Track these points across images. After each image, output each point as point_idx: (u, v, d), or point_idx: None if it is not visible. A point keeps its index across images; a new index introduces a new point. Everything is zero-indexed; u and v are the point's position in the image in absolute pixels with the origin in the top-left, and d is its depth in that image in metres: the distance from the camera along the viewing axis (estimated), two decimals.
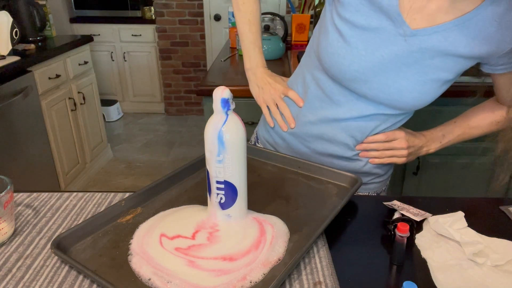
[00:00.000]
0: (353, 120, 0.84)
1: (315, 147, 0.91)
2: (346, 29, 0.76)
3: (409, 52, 0.74)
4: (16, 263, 0.61)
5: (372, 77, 0.77)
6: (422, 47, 0.73)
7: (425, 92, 0.77)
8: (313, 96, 0.87)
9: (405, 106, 0.80)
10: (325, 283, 0.57)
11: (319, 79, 0.85)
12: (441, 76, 0.76)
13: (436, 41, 0.72)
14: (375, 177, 0.94)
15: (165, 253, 0.60)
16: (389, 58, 0.75)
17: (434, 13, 0.72)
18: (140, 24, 3.75)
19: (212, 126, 0.61)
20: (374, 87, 0.78)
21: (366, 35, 0.75)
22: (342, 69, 0.78)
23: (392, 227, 0.67)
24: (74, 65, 2.54)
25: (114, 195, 0.79)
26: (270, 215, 0.70)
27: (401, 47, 0.74)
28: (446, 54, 0.73)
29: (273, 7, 3.50)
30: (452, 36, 0.72)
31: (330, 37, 0.79)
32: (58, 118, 2.38)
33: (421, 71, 0.75)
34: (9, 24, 2.11)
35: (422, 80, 0.76)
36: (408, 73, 0.75)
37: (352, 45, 0.76)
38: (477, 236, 0.66)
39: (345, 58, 0.77)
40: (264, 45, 1.86)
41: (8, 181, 0.65)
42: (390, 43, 0.74)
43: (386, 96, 0.78)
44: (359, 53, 0.75)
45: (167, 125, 3.87)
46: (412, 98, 0.77)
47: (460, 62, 0.75)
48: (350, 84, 0.80)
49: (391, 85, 0.77)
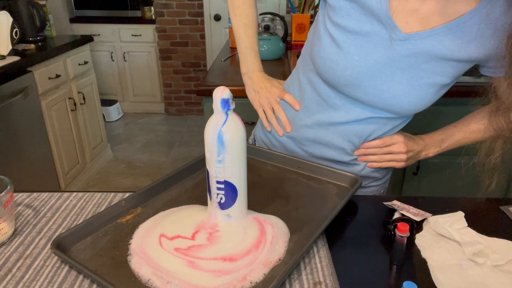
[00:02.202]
0: (350, 124, 0.84)
1: (313, 151, 0.91)
2: (338, 33, 0.75)
3: (403, 56, 0.72)
4: (16, 263, 0.61)
5: (366, 82, 0.76)
6: (416, 51, 0.72)
7: (420, 97, 0.75)
8: (310, 99, 0.87)
9: (401, 111, 0.78)
10: (325, 283, 0.57)
11: (314, 83, 0.85)
12: (436, 80, 0.74)
13: (430, 45, 0.71)
14: (373, 180, 0.94)
15: (164, 254, 0.60)
16: (383, 62, 0.74)
17: (427, 16, 0.70)
18: (140, 24, 3.75)
19: (212, 126, 0.61)
20: (369, 92, 0.77)
21: (359, 40, 0.73)
22: (335, 74, 0.77)
23: (392, 227, 0.67)
24: (74, 65, 2.54)
25: (114, 195, 0.79)
26: (270, 215, 0.70)
27: (394, 52, 0.72)
28: (441, 58, 0.72)
29: (273, 7, 3.50)
30: (447, 40, 0.70)
31: (323, 41, 0.78)
32: (58, 118, 2.38)
33: (416, 75, 0.74)
34: (9, 24, 2.11)
35: (417, 85, 0.74)
36: (402, 78, 0.74)
37: (345, 50, 0.74)
38: (477, 236, 0.66)
39: (338, 63, 0.76)
40: (264, 45, 1.86)
41: (8, 181, 0.65)
42: (383, 48, 0.73)
43: (381, 101, 0.77)
44: (352, 58, 0.74)
45: (167, 125, 3.87)
46: (407, 103, 0.76)
47: (456, 66, 0.73)
48: (344, 89, 0.79)
49: (386, 90, 0.75)
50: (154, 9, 3.69)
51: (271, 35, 1.88)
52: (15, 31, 2.14)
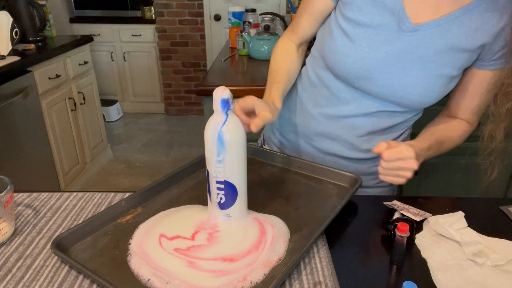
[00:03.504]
0: (359, 117, 0.84)
1: (321, 146, 0.91)
2: (349, 27, 0.77)
3: (412, 47, 0.74)
4: (16, 263, 0.61)
5: (377, 74, 0.77)
6: (425, 41, 0.74)
7: (429, 89, 0.76)
8: (319, 94, 0.88)
9: (411, 103, 0.79)
10: (325, 283, 0.57)
11: (324, 78, 0.86)
12: (445, 71, 0.75)
13: (438, 35, 0.73)
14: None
15: (164, 254, 0.60)
16: (393, 54, 0.75)
17: (436, 4, 0.72)
18: (140, 24, 3.75)
19: (212, 126, 0.61)
20: (379, 84, 0.78)
21: (369, 33, 0.75)
22: (346, 67, 0.78)
23: (392, 227, 0.67)
24: (74, 65, 2.54)
25: (114, 195, 0.79)
26: (270, 215, 0.70)
27: (404, 43, 0.74)
28: (449, 48, 0.73)
29: (273, 7, 3.50)
30: (455, 28, 0.72)
31: (334, 36, 0.79)
32: (58, 118, 2.38)
33: (425, 67, 0.75)
34: (9, 24, 2.11)
35: (426, 76, 0.76)
36: (412, 70, 0.75)
37: (356, 43, 0.76)
38: (477, 236, 0.66)
39: (349, 56, 0.77)
40: (264, 45, 1.86)
41: (8, 181, 0.65)
42: (394, 39, 0.75)
43: (391, 93, 0.78)
44: (363, 50, 0.76)
45: (167, 125, 3.86)
46: (417, 95, 0.77)
47: (463, 57, 0.75)
48: (355, 81, 0.80)
49: (396, 82, 0.77)
50: (154, 9, 3.68)
51: (271, 35, 1.88)
52: (15, 31, 2.14)
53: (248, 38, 1.89)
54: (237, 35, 2.03)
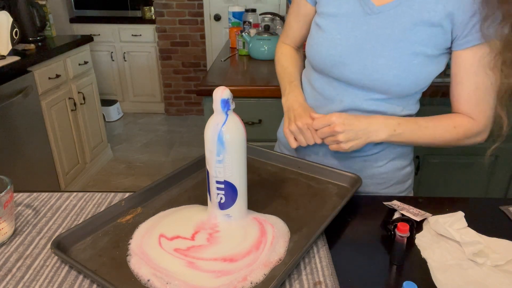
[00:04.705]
0: (348, 112, 0.84)
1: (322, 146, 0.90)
2: (322, 20, 0.84)
3: (379, 29, 0.78)
4: (16, 263, 0.61)
5: (351, 59, 0.80)
6: (390, 21, 0.77)
7: (404, 69, 0.77)
8: (310, 96, 0.91)
9: (391, 88, 0.79)
10: (325, 283, 0.57)
11: (312, 80, 0.90)
12: (417, 50, 0.76)
13: (402, 13, 0.76)
14: (394, 183, 0.92)
15: (164, 254, 0.60)
16: (362, 38, 0.79)
17: None
18: (140, 24, 3.75)
19: (212, 126, 0.61)
20: (354, 70, 0.80)
21: (339, 21, 0.81)
22: (321, 55, 0.83)
23: (392, 227, 0.67)
24: (74, 65, 2.54)
25: (114, 195, 0.79)
26: (270, 215, 0.70)
27: (371, 26, 0.78)
28: (413, 24, 0.75)
29: (273, 7, 3.50)
30: (416, 4, 0.75)
31: (312, 32, 0.87)
32: (58, 118, 2.38)
33: (396, 46, 0.77)
34: (9, 24, 2.11)
35: (398, 56, 0.76)
36: (384, 51, 0.77)
37: (327, 32, 0.82)
38: (477, 236, 0.66)
39: (323, 45, 0.83)
40: (264, 45, 1.86)
41: (8, 181, 0.65)
42: (361, 24, 0.79)
43: (366, 77, 0.80)
44: (334, 37, 0.81)
45: (167, 125, 3.86)
46: (392, 76, 0.77)
47: (433, 32, 0.75)
48: (332, 70, 0.83)
49: (368, 65, 0.79)
50: (154, 9, 3.68)
51: (271, 35, 1.88)
52: (15, 31, 2.14)
53: (248, 38, 1.89)
54: (237, 35, 2.03)
